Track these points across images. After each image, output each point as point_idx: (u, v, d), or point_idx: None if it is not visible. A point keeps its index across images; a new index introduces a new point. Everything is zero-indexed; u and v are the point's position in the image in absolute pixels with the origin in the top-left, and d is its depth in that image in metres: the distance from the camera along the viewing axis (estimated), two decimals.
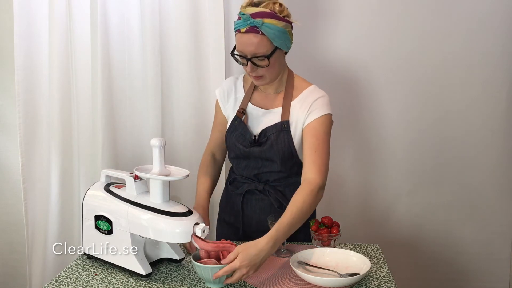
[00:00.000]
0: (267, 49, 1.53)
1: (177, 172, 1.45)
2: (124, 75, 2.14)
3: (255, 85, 1.70)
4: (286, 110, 1.64)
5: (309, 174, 1.55)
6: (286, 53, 1.63)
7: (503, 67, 2.12)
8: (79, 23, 2.07)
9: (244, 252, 1.35)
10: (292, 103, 1.64)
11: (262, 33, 1.51)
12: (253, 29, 1.50)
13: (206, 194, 1.75)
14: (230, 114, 1.73)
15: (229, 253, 1.37)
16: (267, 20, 1.50)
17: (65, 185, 2.19)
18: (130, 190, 1.48)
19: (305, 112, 1.61)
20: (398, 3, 2.09)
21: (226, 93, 1.75)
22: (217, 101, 1.78)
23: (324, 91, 1.65)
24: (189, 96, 2.14)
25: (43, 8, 2.09)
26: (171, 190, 1.48)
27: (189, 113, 2.15)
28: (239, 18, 1.54)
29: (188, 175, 1.43)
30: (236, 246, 1.39)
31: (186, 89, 2.14)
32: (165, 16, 2.09)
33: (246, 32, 1.51)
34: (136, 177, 1.48)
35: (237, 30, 1.55)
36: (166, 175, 1.41)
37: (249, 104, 1.70)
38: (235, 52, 1.58)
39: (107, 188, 1.53)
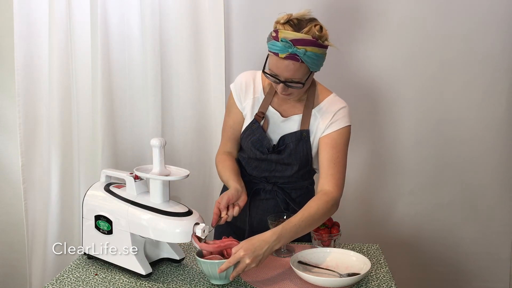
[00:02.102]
0: (303, 75, 1.50)
1: (177, 172, 1.45)
2: (124, 75, 2.14)
3: (275, 91, 1.64)
4: (306, 119, 1.61)
5: (326, 186, 1.55)
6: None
7: (503, 68, 2.12)
8: (79, 23, 2.07)
9: (248, 242, 1.36)
10: (312, 111, 1.61)
11: (302, 61, 1.46)
12: (293, 57, 1.45)
13: (237, 184, 1.60)
14: (247, 113, 1.67)
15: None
16: (309, 49, 1.45)
17: (65, 185, 2.19)
18: (130, 190, 1.48)
19: (326, 122, 1.59)
20: (400, 6, 2.10)
21: (243, 89, 1.67)
22: (231, 97, 1.69)
23: (344, 100, 1.62)
24: (189, 96, 2.14)
25: (43, 8, 2.09)
26: (171, 190, 1.48)
27: (189, 113, 2.15)
28: (275, 38, 1.46)
29: (188, 175, 1.43)
30: (238, 242, 1.39)
31: (186, 89, 2.14)
32: (165, 16, 2.09)
33: (285, 58, 1.45)
34: (136, 177, 1.48)
35: (274, 53, 1.47)
36: (166, 175, 1.41)
37: (269, 108, 1.64)
38: (267, 71, 1.53)
39: (107, 188, 1.53)
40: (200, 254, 1.40)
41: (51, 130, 2.15)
